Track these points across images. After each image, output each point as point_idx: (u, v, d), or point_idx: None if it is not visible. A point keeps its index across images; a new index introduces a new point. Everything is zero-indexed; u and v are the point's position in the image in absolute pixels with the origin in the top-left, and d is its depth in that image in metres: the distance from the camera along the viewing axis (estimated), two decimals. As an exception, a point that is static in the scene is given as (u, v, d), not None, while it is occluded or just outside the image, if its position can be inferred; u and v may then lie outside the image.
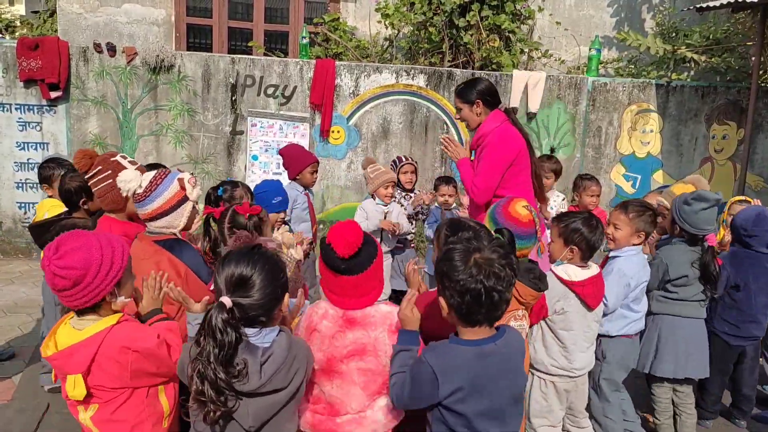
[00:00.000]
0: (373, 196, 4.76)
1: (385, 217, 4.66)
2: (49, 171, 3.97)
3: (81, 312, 1.98)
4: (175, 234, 2.63)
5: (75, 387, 1.92)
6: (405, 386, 1.95)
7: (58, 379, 2.00)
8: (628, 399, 3.44)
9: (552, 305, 2.87)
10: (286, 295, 1.87)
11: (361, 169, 5.29)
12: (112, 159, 2.83)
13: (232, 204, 2.90)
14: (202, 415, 1.73)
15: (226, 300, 1.72)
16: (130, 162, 2.86)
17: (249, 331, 1.79)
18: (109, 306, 2.00)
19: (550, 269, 2.96)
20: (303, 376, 1.87)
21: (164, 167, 4.26)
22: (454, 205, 4.99)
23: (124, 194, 2.58)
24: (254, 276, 1.77)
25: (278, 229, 3.30)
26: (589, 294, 2.90)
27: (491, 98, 3.67)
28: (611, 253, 3.36)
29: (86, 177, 2.79)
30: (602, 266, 3.35)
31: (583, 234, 2.88)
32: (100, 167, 2.77)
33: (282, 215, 3.77)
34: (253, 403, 1.77)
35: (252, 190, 3.55)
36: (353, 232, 1.99)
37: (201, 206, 2.80)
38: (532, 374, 2.98)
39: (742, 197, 4.51)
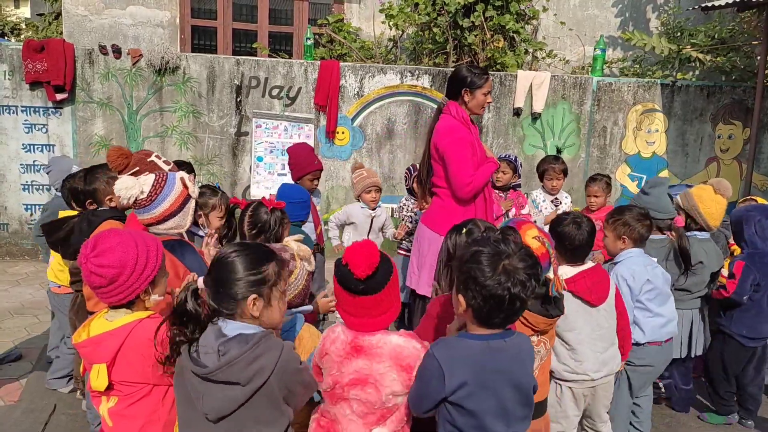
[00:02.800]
0: (360, 201, 4.81)
1: (372, 221, 4.68)
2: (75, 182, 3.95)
3: (114, 307, 2.02)
4: (181, 234, 2.62)
5: (98, 377, 1.94)
6: (415, 384, 1.93)
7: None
8: (649, 395, 3.50)
9: None
10: (251, 298, 1.83)
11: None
12: (149, 159, 2.75)
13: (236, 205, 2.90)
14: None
15: (199, 281, 1.85)
16: (165, 162, 2.80)
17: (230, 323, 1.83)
18: (143, 303, 2.03)
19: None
20: (266, 378, 1.74)
21: (189, 165, 4.30)
22: None
23: (125, 202, 2.52)
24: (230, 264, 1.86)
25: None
26: (583, 289, 2.84)
27: None
28: (615, 258, 3.34)
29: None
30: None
31: (558, 232, 2.85)
32: (137, 168, 2.68)
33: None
34: (208, 389, 1.74)
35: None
36: (371, 252, 1.92)
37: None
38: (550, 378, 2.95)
39: (748, 197, 4.56)
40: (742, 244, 3.91)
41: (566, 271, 2.85)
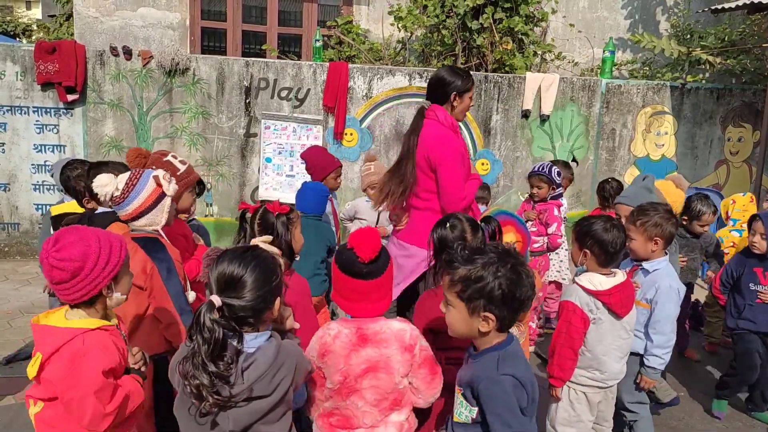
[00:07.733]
0: (365, 195, 4.87)
1: (378, 216, 4.71)
2: (75, 172, 3.98)
3: (75, 306, 1.98)
4: (158, 231, 2.69)
5: (33, 364, 1.92)
6: (498, 413, 1.84)
7: None
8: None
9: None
10: (278, 299, 1.83)
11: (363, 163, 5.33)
12: (165, 159, 2.88)
13: (263, 204, 2.93)
14: (198, 410, 1.73)
15: (216, 299, 1.71)
16: (180, 162, 2.93)
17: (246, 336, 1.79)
18: (104, 302, 1.99)
19: (574, 280, 2.91)
20: (289, 383, 1.83)
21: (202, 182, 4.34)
22: None
23: (102, 199, 2.64)
24: (245, 276, 1.75)
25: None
26: (616, 302, 2.81)
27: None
28: (645, 265, 3.18)
29: None
30: (630, 276, 3.30)
31: (594, 237, 2.79)
32: (153, 167, 2.80)
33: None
34: (233, 409, 1.76)
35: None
36: (374, 237, 2.08)
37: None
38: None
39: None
40: None
41: (602, 282, 2.81)
